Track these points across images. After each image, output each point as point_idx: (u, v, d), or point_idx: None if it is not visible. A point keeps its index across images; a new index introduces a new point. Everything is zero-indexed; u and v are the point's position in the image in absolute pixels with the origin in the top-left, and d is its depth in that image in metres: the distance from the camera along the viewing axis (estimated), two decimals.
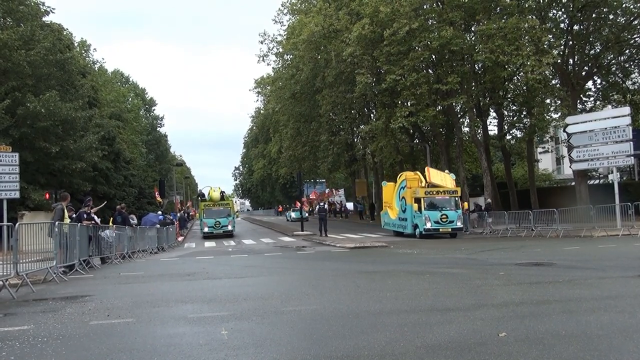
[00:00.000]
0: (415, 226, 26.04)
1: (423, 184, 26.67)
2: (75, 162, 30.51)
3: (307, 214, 51.84)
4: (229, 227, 33.79)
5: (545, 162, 59.22)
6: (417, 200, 25.88)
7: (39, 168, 29.42)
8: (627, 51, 32.49)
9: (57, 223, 12.60)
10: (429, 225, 25.26)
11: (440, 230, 25.28)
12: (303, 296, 8.64)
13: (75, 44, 49.74)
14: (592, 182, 41.59)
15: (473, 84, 33.07)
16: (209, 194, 35.44)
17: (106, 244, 17.04)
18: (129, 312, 7.66)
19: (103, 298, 9.07)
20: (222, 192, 35.21)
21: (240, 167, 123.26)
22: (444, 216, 25.31)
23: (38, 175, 29.58)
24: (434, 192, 26.04)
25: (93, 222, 16.37)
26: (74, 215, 15.51)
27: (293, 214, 55.00)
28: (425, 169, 28.02)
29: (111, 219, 21.46)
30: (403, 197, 27.56)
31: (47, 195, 28.16)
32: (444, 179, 27.09)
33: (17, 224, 10.66)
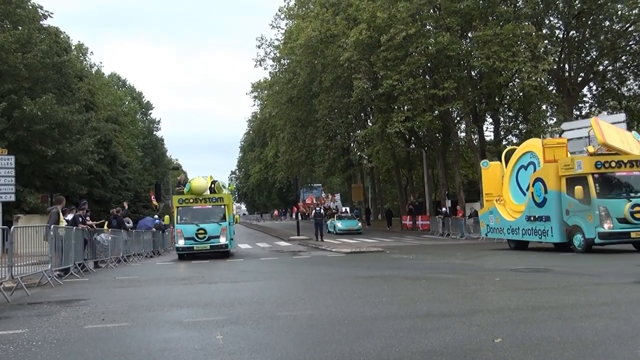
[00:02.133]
0: (572, 229, 15.92)
1: (591, 151, 15.99)
2: (71, 166, 30.47)
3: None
4: (222, 240, 19.97)
5: None
6: (578, 181, 15.42)
7: (34, 171, 29.37)
8: (622, 58, 32.65)
9: (52, 226, 12.57)
10: (607, 227, 14.83)
11: (632, 234, 14.93)
12: (299, 301, 8.64)
13: (73, 48, 49.71)
14: None
15: (469, 89, 33.16)
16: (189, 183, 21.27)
17: (101, 247, 17.00)
18: (124, 316, 7.64)
19: (98, 302, 9.04)
20: (213, 182, 21.64)
21: (237, 171, 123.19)
22: (637, 208, 14.77)
23: (34, 178, 29.52)
24: (614, 164, 15.33)
25: (88, 225, 16.30)
26: (69, 218, 15.46)
27: (340, 224, 37.09)
28: (592, 120, 17.72)
29: (106, 222, 21.40)
30: (538, 180, 16.98)
31: (43, 199, 28.09)
32: (625, 140, 16.43)
33: (12, 227, 10.65)
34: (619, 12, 29.71)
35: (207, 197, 20.75)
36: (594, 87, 35.01)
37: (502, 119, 38.10)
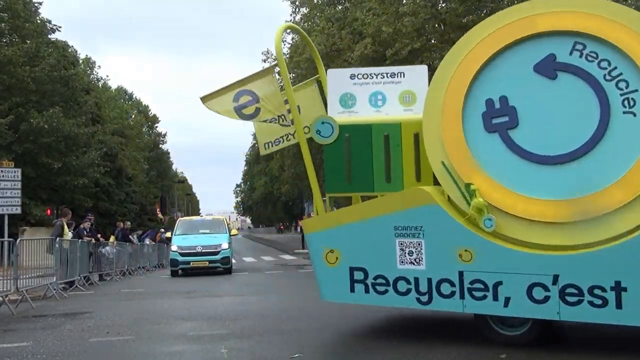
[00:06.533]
0: None
1: None
2: (77, 178, 30.56)
3: None
4: None
5: None
6: None
7: (40, 183, 29.45)
8: None
9: (57, 239, 12.59)
10: None
11: None
12: (304, 315, 8.58)
13: (80, 61, 50.12)
14: None
15: None
16: None
17: (107, 260, 17.02)
18: (129, 329, 7.62)
19: (103, 315, 9.03)
20: None
21: (242, 184, 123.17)
22: None
23: (40, 190, 29.60)
24: None
25: (94, 238, 16.32)
26: (73, 231, 15.48)
27: None
28: None
29: (112, 235, 21.45)
30: None
31: (49, 211, 28.17)
32: None
33: (17, 240, 10.67)
34: None
35: None
36: None
37: None
